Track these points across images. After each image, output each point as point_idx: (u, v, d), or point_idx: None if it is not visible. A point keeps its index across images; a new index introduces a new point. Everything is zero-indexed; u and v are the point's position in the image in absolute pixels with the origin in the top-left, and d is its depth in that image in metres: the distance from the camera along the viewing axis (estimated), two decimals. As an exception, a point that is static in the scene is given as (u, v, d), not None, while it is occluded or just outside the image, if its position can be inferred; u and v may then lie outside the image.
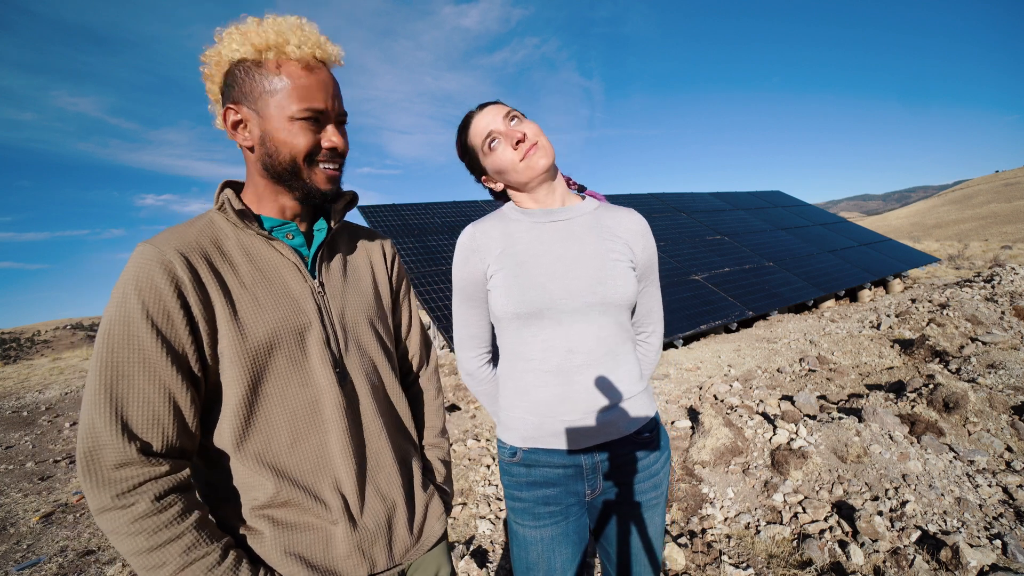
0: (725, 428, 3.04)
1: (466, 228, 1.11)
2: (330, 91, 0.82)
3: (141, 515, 0.67)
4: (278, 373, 0.81)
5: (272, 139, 0.81)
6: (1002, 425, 2.99)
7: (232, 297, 0.79)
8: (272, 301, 0.82)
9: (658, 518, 1.10)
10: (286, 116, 0.79)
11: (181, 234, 0.79)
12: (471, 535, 2.45)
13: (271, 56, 0.78)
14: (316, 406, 0.84)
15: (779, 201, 12.61)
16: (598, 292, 1.01)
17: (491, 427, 3.82)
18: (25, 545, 2.88)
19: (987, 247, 19.88)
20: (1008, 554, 1.99)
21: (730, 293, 7.09)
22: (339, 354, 0.87)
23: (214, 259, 0.79)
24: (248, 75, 0.79)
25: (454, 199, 8.75)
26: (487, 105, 1.06)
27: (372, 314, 0.96)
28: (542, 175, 1.04)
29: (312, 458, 0.83)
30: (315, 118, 0.81)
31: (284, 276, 0.85)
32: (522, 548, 1.07)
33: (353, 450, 0.86)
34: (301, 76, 0.79)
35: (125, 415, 0.68)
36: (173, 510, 0.69)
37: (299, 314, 0.84)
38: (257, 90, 0.79)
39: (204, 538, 0.71)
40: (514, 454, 1.07)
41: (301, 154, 0.81)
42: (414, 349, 1.11)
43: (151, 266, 0.72)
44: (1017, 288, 5.93)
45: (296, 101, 0.78)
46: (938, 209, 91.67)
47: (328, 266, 0.92)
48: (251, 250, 0.84)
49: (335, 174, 0.87)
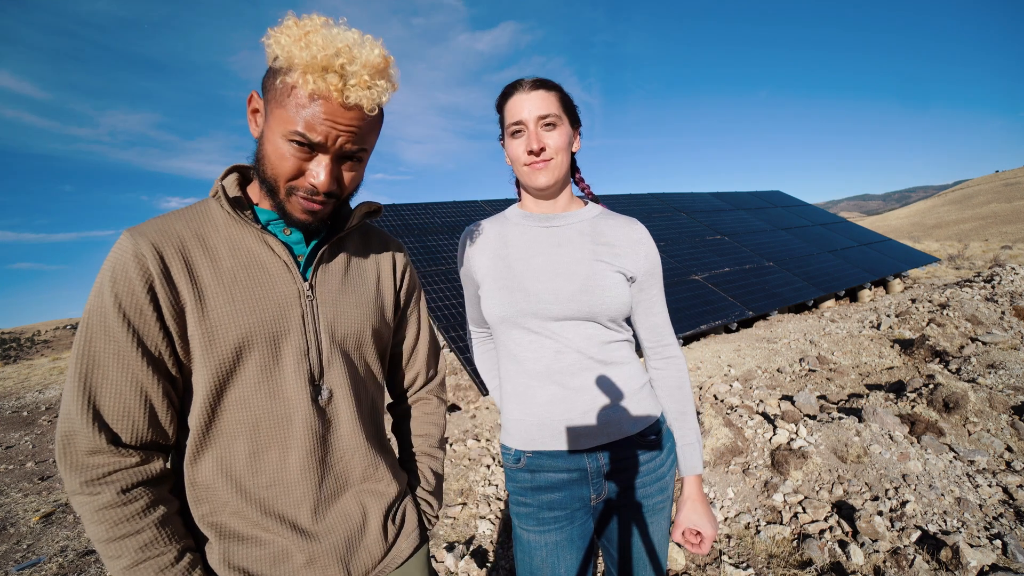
0: (725, 428, 3.04)
1: (467, 228, 1.15)
2: (339, 127, 0.73)
3: (105, 505, 0.68)
4: (245, 380, 0.76)
5: (264, 146, 0.76)
6: (1002, 425, 2.99)
7: (205, 295, 0.74)
8: (250, 302, 0.76)
9: (663, 522, 1.08)
10: (281, 132, 0.73)
11: (164, 224, 0.75)
12: (471, 535, 2.45)
13: (293, 77, 0.70)
14: (284, 420, 0.78)
15: (779, 201, 12.60)
16: (582, 299, 1.00)
17: (491, 427, 3.82)
18: (25, 545, 2.88)
19: (987, 247, 19.88)
20: (1008, 554, 1.99)
21: (730, 293, 7.08)
22: (319, 367, 0.81)
23: (192, 253, 0.75)
24: (273, 78, 0.74)
25: (454, 199, 8.75)
26: (537, 89, 1.01)
27: (370, 325, 0.89)
28: (537, 191, 1.06)
29: (269, 472, 0.78)
30: (308, 145, 0.73)
31: (271, 275, 0.79)
32: (526, 553, 1.05)
33: (316, 468, 0.81)
34: (308, 104, 0.71)
35: (97, 404, 0.69)
36: (137, 504, 0.70)
37: (278, 319, 0.78)
38: (272, 91, 0.74)
39: (163, 537, 0.71)
40: (518, 459, 1.06)
41: (282, 178, 0.75)
42: (420, 364, 1.05)
43: (126, 258, 0.71)
44: (1017, 288, 5.93)
45: (292, 122, 0.71)
46: (938, 209, 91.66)
47: (326, 268, 0.85)
48: (240, 244, 0.79)
49: (313, 207, 0.78)
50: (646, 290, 1.09)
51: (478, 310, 1.18)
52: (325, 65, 0.69)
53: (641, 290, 1.08)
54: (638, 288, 1.08)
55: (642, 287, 1.08)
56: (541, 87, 1.01)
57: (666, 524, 1.10)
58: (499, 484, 2.88)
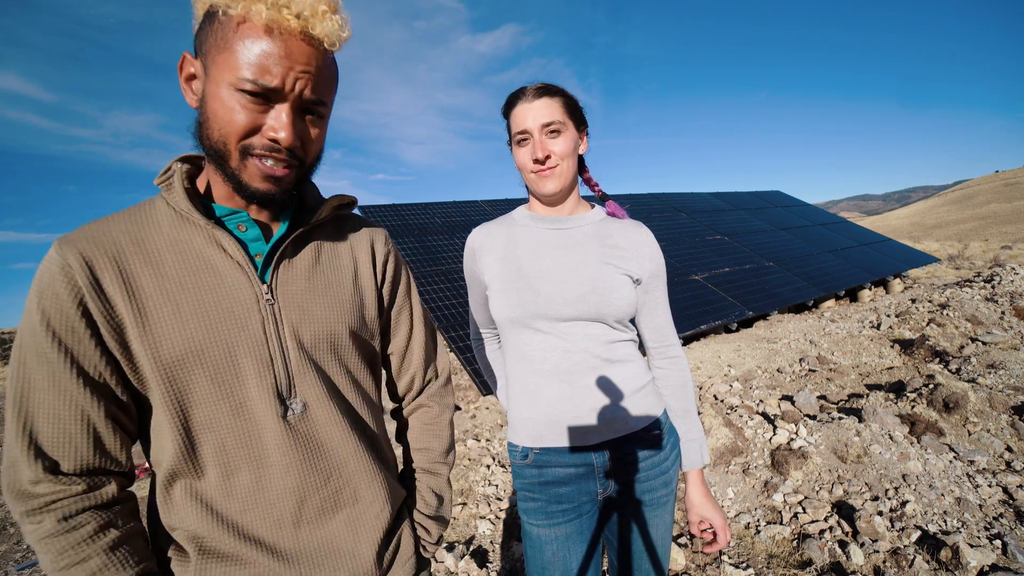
0: (725, 428, 3.04)
1: (474, 230, 1.16)
2: (297, 68, 0.64)
3: (47, 534, 0.63)
4: (202, 398, 0.68)
5: (208, 107, 0.65)
6: (1002, 425, 2.99)
7: (146, 306, 0.66)
8: (197, 310, 0.68)
9: (667, 515, 1.11)
10: (226, 81, 0.63)
11: (98, 229, 0.67)
12: (471, 535, 2.46)
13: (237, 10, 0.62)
14: (252, 439, 0.71)
15: (779, 201, 12.60)
16: (591, 300, 1.02)
17: (491, 427, 3.82)
18: (25, 545, 2.88)
19: (987, 247, 19.88)
20: (1008, 554, 1.99)
21: (730, 293, 7.08)
22: (286, 378, 0.73)
23: (128, 260, 0.67)
24: (211, 23, 0.64)
25: (454, 199, 8.75)
26: (541, 96, 1.02)
27: (346, 326, 0.79)
28: (545, 197, 1.07)
29: (242, 496, 0.71)
30: (263, 95, 0.64)
31: (222, 279, 0.70)
32: (536, 549, 1.06)
33: (295, 489, 0.73)
34: (260, 40, 0.62)
35: (35, 432, 0.63)
36: (82, 531, 0.64)
37: (231, 327, 0.69)
38: (210, 42, 0.64)
39: (114, 562, 0.65)
40: (525, 456, 1.07)
41: (233, 136, 0.65)
42: (415, 366, 0.95)
43: (53, 272, 0.63)
44: (1017, 288, 5.93)
45: (243, 67, 0.62)
46: (938, 209, 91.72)
47: (289, 267, 0.75)
48: (186, 245, 0.70)
49: (275, 172, 0.68)
50: (651, 292, 1.11)
51: (485, 311, 1.19)
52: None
53: (646, 292, 1.10)
54: (643, 290, 1.10)
55: (647, 289, 1.10)
56: (544, 94, 1.02)
57: (669, 518, 1.12)
58: (499, 484, 2.88)
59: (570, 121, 1.04)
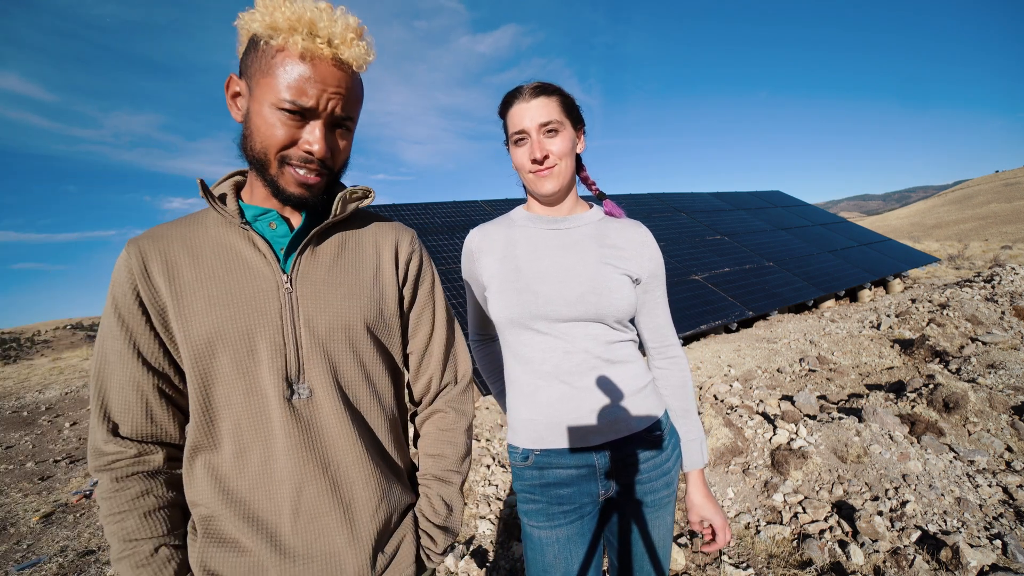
0: (725, 428, 3.04)
1: (472, 231, 1.15)
2: (329, 90, 0.73)
3: (103, 491, 0.75)
4: (223, 377, 0.75)
5: (251, 122, 0.75)
6: (1002, 425, 2.99)
7: (182, 292, 0.75)
8: (224, 297, 0.75)
9: (668, 516, 1.10)
10: (268, 101, 0.72)
11: (157, 230, 0.79)
12: (471, 535, 2.45)
13: (278, 40, 0.71)
14: (263, 419, 0.76)
15: (779, 201, 12.60)
16: (590, 301, 1.01)
17: (491, 427, 3.82)
18: (25, 545, 2.88)
19: (987, 247, 19.88)
20: (1008, 554, 1.99)
21: (730, 293, 7.08)
22: (296, 363, 0.77)
23: (174, 254, 0.76)
24: (255, 49, 0.73)
25: (454, 199, 8.75)
26: (537, 96, 1.01)
27: (363, 319, 0.83)
28: (544, 197, 1.07)
29: (252, 474, 0.76)
30: (300, 113, 0.73)
31: (250, 270, 0.78)
32: (537, 551, 1.05)
33: (296, 473, 0.76)
34: (297, 66, 0.71)
35: (106, 399, 0.76)
36: (128, 492, 0.75)
37: (251, 313, 0.76)
38: (254, 67, 0.73)
39: (148, 526, 0.75)
40: (526, 457, 1.06)
41: (273, 148, 0.74)
42: (433, 369, 0.95)
43: (119, 264, 0.76)
44: (1017, 288, 5.93)
45: (282, 90, 0.71)
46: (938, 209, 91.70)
47: (311, 258, 0.81)
48: (225, 242, 0.79)
49: (306, 180, 0.77)
50: (650, 292, 1.10)
51: (484, 312, 1.18)
52: (310, 26, 0.70)
53: (645, 292, 1.10)
54: (642, 290, 1.09)
55: (646, 289, 1.10)
56: (541, 94, 1.01)
57: (670, 518, 1.11)
58: (499, 484, 2.88)
59: (567, 120, 1.04)
